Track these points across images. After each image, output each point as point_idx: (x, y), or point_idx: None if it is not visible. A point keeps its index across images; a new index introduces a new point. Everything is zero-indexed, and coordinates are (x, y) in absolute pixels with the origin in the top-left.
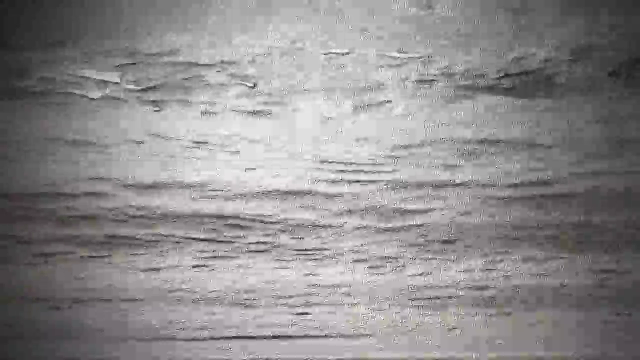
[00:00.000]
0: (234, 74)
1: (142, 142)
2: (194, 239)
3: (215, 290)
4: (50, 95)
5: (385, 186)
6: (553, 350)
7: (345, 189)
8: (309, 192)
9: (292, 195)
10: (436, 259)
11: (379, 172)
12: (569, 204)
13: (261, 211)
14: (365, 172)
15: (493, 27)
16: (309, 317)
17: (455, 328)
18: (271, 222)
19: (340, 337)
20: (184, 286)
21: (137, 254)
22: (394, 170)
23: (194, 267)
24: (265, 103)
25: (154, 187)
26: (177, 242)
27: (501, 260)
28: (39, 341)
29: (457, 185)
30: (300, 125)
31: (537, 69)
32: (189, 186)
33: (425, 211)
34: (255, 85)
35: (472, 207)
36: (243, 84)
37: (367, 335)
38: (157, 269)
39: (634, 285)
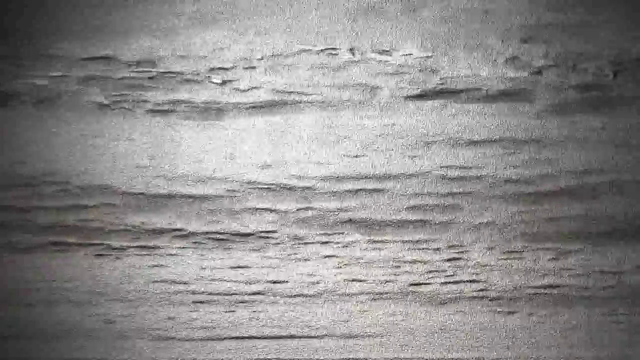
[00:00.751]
0: (234, 75)
1: (141, 149)
2: (194, 240)
3: (215, 291)
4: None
5: (386, 191)
6: (553, 350)
7: (345, 195)
8: (308, 197)
9: (293, 201)
10: (436, 259)
11: (380, 177)
12: (570, 205)
13: (263, 213)
14: (368, 178)
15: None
16: (309, 317)
17: (456, 328)
18: (273, 231)
19: (340, 337)
20: (184, 286)
21: (137, 255)
22: (396, 175)
23: (194, 267)
24: (265, 104)
25: (154, 193)
26: (177, 243)
27: (503, 260)
28: (39, 341)
29: (459, 185)
30: (300, 127)
31: (537, 71)
32: (192, 190)
33: (427, 213)
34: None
35: (473, 208)
36: (238, 86)
37: (367, 335)
38: (158, 270)
39: (633, 285)
